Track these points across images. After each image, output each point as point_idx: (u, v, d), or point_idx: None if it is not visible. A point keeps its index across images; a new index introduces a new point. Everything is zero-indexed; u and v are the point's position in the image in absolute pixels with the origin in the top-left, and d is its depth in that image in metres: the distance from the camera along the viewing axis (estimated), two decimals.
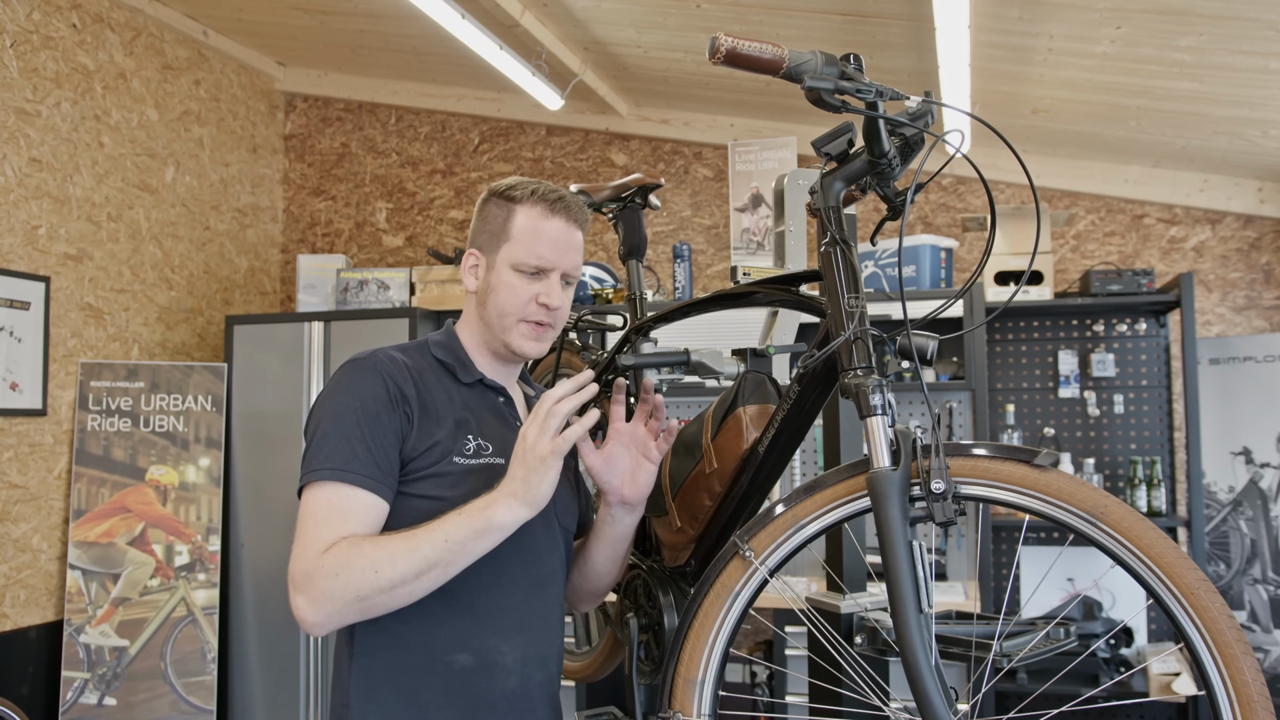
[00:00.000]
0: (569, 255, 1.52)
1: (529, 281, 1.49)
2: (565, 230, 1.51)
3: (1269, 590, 3.97)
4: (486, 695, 1.46)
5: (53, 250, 3.92)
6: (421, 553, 1.31)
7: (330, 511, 1.35)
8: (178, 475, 4.11)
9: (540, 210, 1.50)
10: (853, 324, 1.28)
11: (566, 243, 1.51)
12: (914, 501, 1.20)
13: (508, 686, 1.48)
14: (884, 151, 1.26)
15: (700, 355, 1.77)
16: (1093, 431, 4.22)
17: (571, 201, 1.53)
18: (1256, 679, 1.04)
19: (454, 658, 1.45)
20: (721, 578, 1.37)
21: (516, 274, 1.49)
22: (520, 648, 1.50)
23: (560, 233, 1.50)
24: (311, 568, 1.31)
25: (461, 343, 1.58)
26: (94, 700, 3.87)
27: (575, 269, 1.54)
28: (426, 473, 1.43)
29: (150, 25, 4.45)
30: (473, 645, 1.46)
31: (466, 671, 1.45)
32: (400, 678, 1.44)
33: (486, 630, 1.47)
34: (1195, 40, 3.07)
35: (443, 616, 1.44)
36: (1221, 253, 4.27)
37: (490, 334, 1.54)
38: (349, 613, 1.31)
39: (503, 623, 1.48)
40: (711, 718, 1.37)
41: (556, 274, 1.50)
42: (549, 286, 1.49)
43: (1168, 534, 4.46)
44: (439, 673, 1.44)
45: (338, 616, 1.32)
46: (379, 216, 5.30)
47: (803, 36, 3.66)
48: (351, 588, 1.29)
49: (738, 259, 4.59)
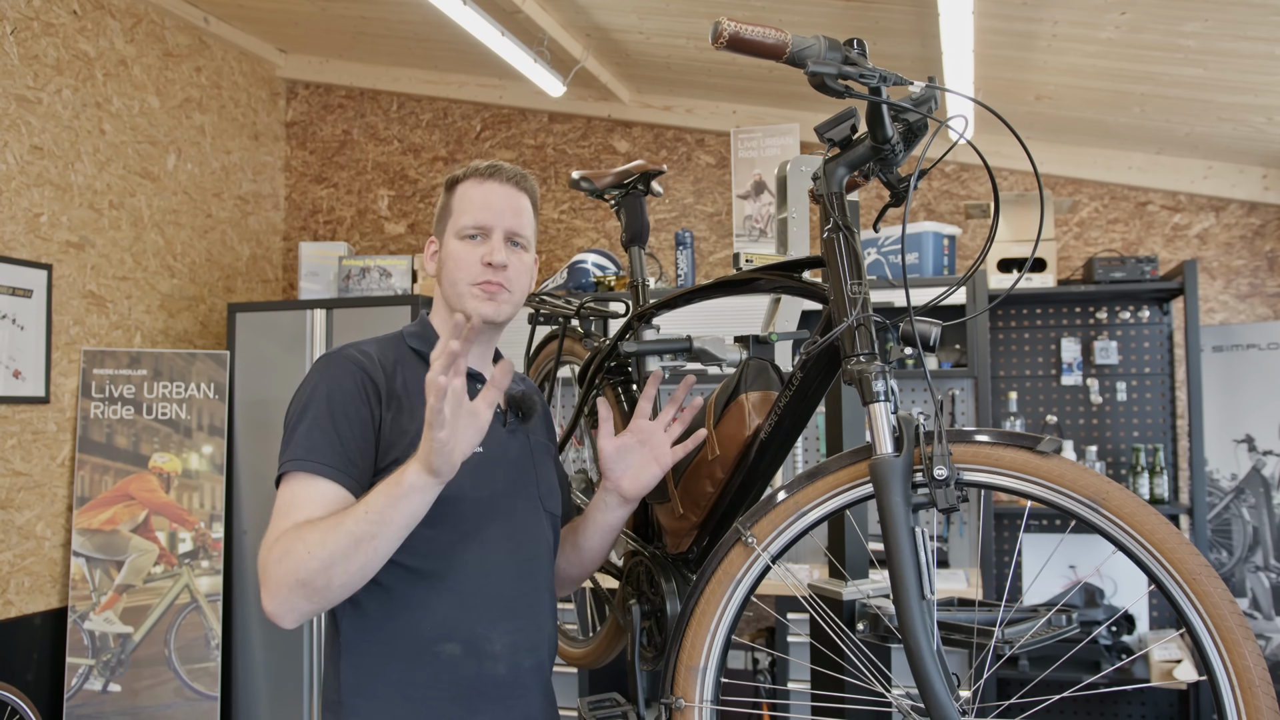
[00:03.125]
0: (508, 216, 1.54)
1: (473, 246, 1.53)
2: (502, 192, 1.55)
3: (1271, 578, 3.97)
4: (477, 683, 1.46)
5: (54, 238, 3.92)
6: (345, 528, 1.28)
7: (290, 504, 1.37)
8: (181, 462, 4.12)
9: (475, 180, 1.56)
10: (855, 310, 1.28)
11: (504, 204, 1.54)
12: (916, 488, 1.20)
13: (498, 674, 1.48)
14: (887, 137, 1.25)
15: (702, 342, 1.77)
16: (1095, 419, 4.22)
17: (508, 168, 1.58)
18: (1258, 663, 1.04)
19: (442, 647, 1.44)
20: (723, 564, 1.37)
21: (461, 242, 1.54)
22: (509, 634, 1.49)
23: (496, 194, 1.54)
24: (264, 559, 1.32)
25: (435, 329, 1.59)
26: (98, 687, 3.89)
27: (519, 230, 1.56)
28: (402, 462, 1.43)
29: (151, 12, 4.44)
30: (460, 634, 1.45)
31: (456, 660, 1.45)
32: (390, 671, 1.44)
33: (474, 618, 1.46)
34: (1200, 26, 3.06)
35: (429, 607, 1.44)
36: (1225, 240, 4.26)
37: (450, 309, 1.56)
38: (298, 598, 1.29)
39: (491, 610, 1.48)
40: (714, 704, 1.37)
41: (498, 233, 1.53)
42: (492, 246, 1.52)
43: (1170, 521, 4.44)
44: (428, 663, 1.44)
45: (290, 603, 1.30)
46: (381, 204, 5.29)
47: (805, 22, 3.65)
48: (293, 571, 1.28)
49: (740, 246, 4.58)
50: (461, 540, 1.47)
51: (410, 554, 1.39)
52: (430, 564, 1.44)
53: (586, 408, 2.01)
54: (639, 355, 1.77)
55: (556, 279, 4.25)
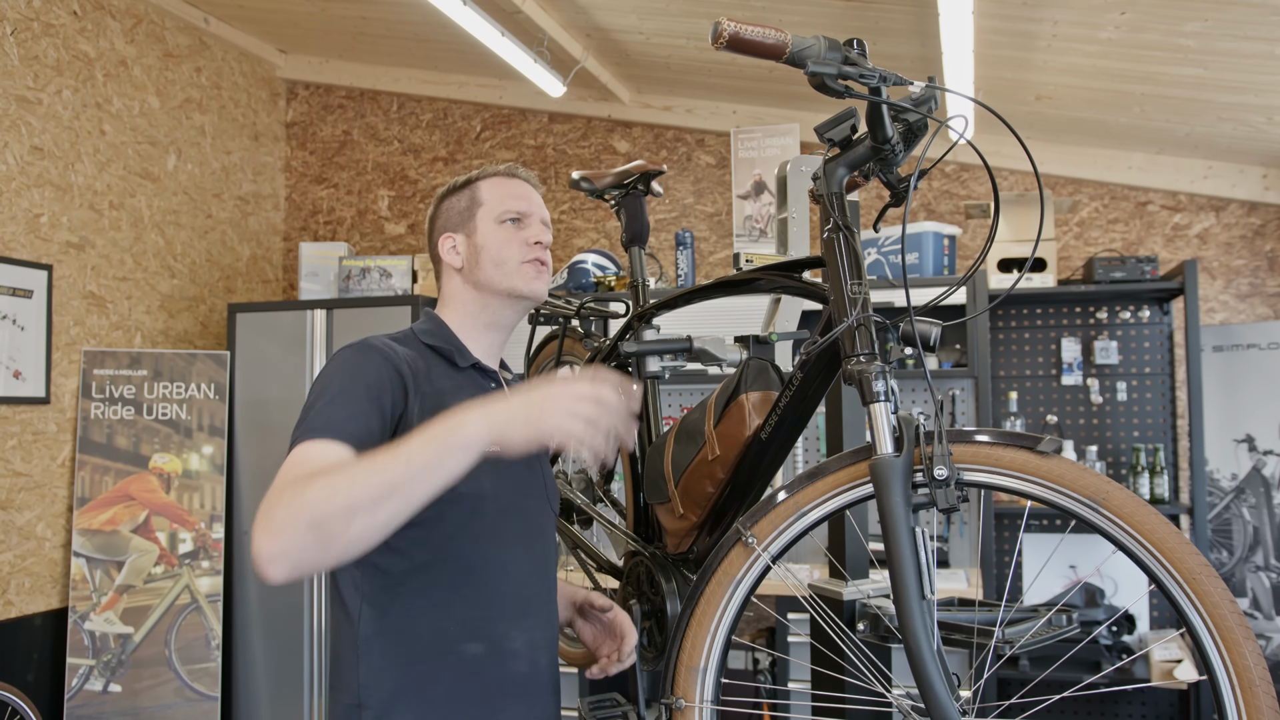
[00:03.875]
0: (537, 206, 1.63)
1: (515, 229, 1.59)
2: (527, 187, 1.64)
3: (1271, 577, 3.97)
4: (500, 682, 1.46)
5: (55, 238, 3.92)
6: (382, 473, 1.15)
7: (300, 462, 1.26)
8: (181, 463, 4.12)
9: (500, 177, 1.63)
10: (855, 310, 1.28)
11: (532, 196, 1.63)
12: (917, 488, 1.20)
13: (519, 671, 1.48)
14: (887, 137, 1.25)
15: (703, 342, 1.77)
16: (1095, 419, 4.22)
17: (522, 170, 1.66)
18: (1258, 663, 1.04)
19: (465, 647, 1.44)
20: (724, 564, 1.37)
21: (501, 226, 1.59)
22: (528, 631, 1.50)
23: (524, 189, 1.63)
24: (269, 503, 1.17)
25: (450, 328, 1.58)
26: (99, 687, 3.89)
27: (547, 221, 1.64)
28: None
29: (151, 12, 4.44)
30: (483, 633, 1.45)
31: (480, 660, 1.44)
32: (413, 672, 1.42)
33: (495, 616, 1.47)
34: (1200, 26, 3.06)
35: (452, 607, 1.43)
36: (1225, 240, 4.26)
37: (487, 297, 1.58)
38: (305, 542, 1.13)
39: (511, 608, 1.49)
40: (714, 704, 1.37)
41: (535, 218, 1.61)
42: (535, 228, 1.60)
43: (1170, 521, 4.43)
44: (452, 664, 1.43)
45: (293, 547, 1.13)
46: (381, 204, 5.29)
47: (805, 22, 3.65)
48: (306, 511, 1.13)
49: (740, 246, 4.58)
50: (483, 540, 1.47)
51: (433, 553, 1.40)
52: (453, 564, 1.44)
53: None
54: (639, 355, 1.78)
55: (557, 279, 4.25)
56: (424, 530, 1.37)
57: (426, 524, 1.32)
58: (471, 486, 1.31)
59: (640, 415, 1.90)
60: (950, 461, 1.18)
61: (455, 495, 1.27)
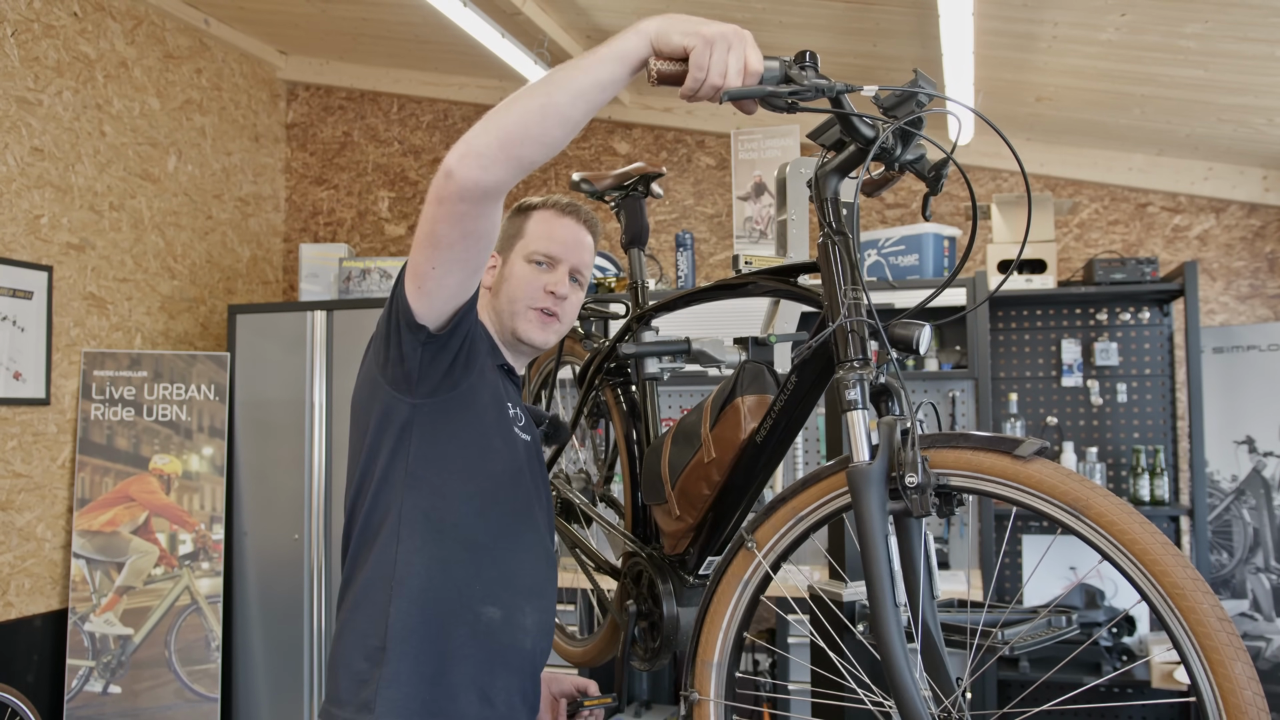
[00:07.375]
0: (577, 252, 1.64)
1: (539, 272, 1.62)
2: (575, 230, 1.65)
3: (1271, 579, 3.97)
4: (504, 652, 1.52)
5: (55, 240, 3.92)
6: (544, 80, 1.25)
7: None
8: (181, 464, 4.12)
9: (553, 213, 1.65)
10: (841, 314, 1.27)
11: (576, 241, 1.64)
12: (897, 495, 1.19)
13: (524, 647, 1.55)
14: (868, 139, 1.25)
15: (701, 344, 1.78)
16: (1096, 421, 4.21)
17: (583, 209, 1.67)
18: (1250, 684, 0.98)
19: (484, 609, 1.50)
20: (731, 567, 1.43)
21: (528, 265, 1.62)
22: (538, 613, 1.58)
23: (570, 231, 1.64)
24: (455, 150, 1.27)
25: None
26: (99, 688, 3.89)
27: (584, 268, 1.65)
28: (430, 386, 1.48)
29: (151, 14, 4.44)
30: (503, 601, 1.52)
31: (494, 625, 1.51)
32: (434, 622, 1.48)
33: (513, 591, 1.54)
34: (1201, 27, 3.05)
35: (480, 570, 1.51)
36: (1225, 241, 4.26)
37: (501, 324, 1.64)
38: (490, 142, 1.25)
39: (527, 585, 1.56)
40: (727, 698, 1.42)
41: (564, 267, 1.63)
42: (558, 277, 1.62)
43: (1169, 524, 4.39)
44: (469, 621, 1.49)
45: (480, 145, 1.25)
46: (381, 205, 5.29)
47: (805, 23, 3.65)
48: (490, 122, 1.25)
49: (740, 247, 4.57)
50: (506, 525, 1.55)
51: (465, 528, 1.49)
52: (482, 540, 1.52)
53: (586, 408, 2.02)
54: (638, 357, 1.79)
55: None
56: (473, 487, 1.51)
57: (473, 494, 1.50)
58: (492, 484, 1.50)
59: (638, 416, 1.91)
60: (926, 467, 1.16)
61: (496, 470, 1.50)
